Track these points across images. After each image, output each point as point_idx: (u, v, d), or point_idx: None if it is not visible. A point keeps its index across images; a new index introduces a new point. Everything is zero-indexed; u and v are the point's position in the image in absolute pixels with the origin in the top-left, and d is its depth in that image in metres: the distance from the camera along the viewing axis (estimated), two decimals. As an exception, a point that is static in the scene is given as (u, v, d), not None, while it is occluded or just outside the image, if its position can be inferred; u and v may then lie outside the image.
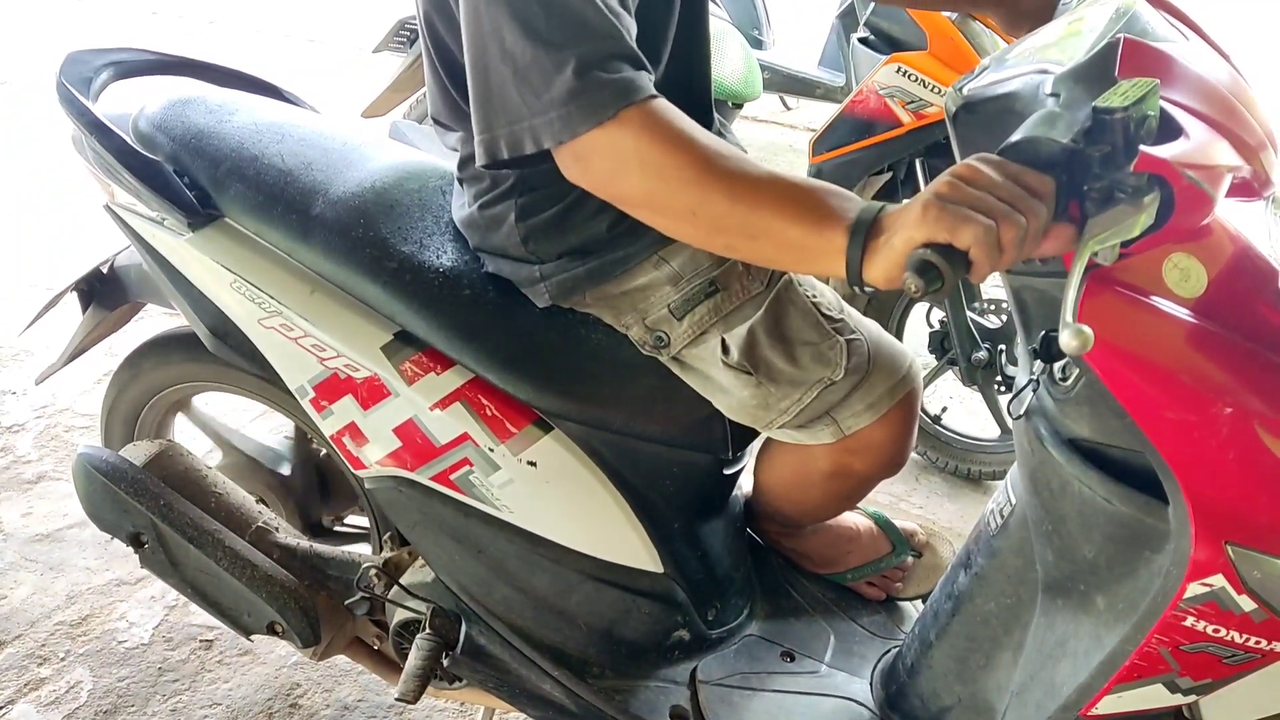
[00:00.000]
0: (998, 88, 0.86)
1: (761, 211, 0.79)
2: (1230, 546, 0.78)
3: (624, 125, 0.80)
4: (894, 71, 2.01)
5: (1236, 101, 0.83)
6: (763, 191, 0.79)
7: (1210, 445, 0.77)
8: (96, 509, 1.25)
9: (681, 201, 0.81)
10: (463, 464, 1.09)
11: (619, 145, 0.81)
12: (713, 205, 0.80)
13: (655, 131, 0.80)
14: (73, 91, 1.14)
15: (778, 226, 0.79)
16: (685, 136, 0.81)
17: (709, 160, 0.80)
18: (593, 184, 0.86)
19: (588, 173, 0.84)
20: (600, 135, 0.80)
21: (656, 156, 0.80)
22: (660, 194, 0.82)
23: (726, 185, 0.80)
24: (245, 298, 1.11)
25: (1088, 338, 0.66)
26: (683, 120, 0.82)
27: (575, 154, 0.83)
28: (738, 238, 0.81)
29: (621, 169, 0.82)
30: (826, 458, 1.08)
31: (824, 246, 0.76)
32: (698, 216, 0.81)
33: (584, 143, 0.81)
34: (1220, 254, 0.82)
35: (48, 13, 5.56)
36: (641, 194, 0.84)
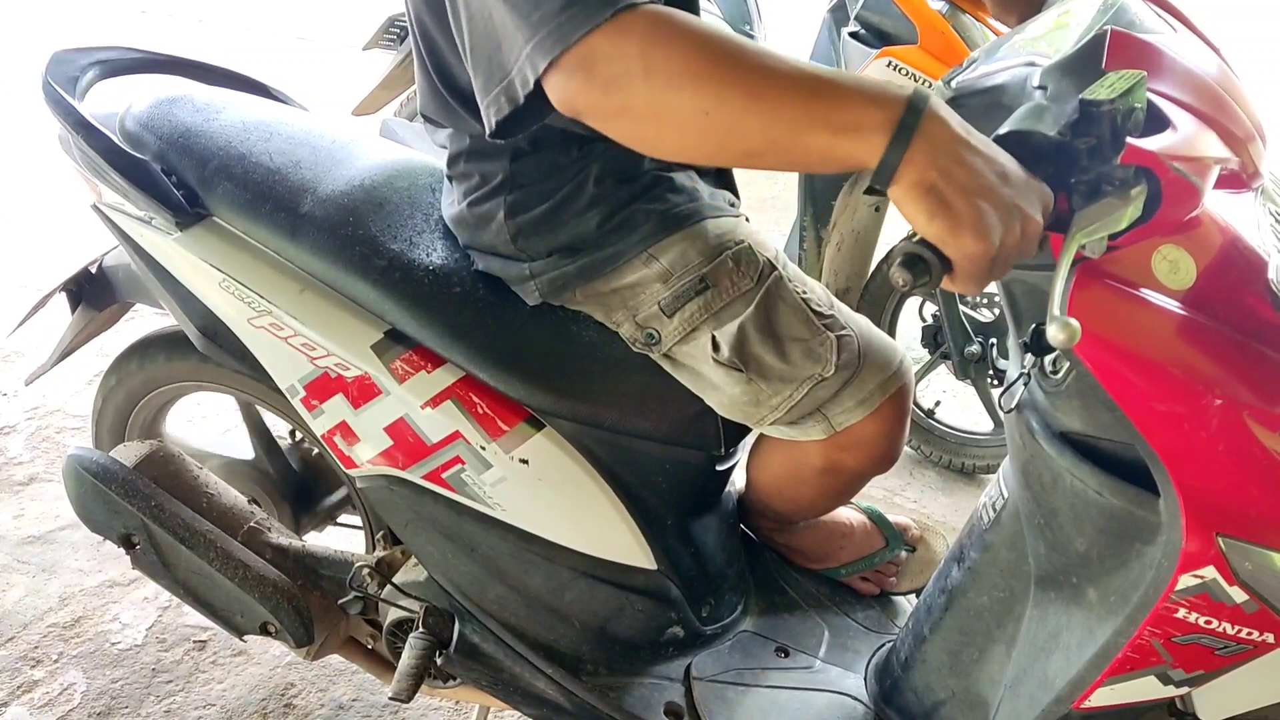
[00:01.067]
0: (986, 80, 0.86)
1: (786, 107, 0.71)
2: (1221, 538, 0.78)
3: (625, 25, 0.72)
4: (884, 65, 2.01)
5: (1224, 93, 0.83)
6: (786, 84, 0.71)
7: (1201, 437, 0.77)
8: (87, 510, 1.25)
9: (692, 103, 0.72)
10: (454, 462, 1.09)
11: (620, 47, 0.72)
12: (729, 102, 0.72)
13: (661, 28, 0.72)
14: (59, 91, 1.13)
15: (805, 124, 0.71)
16: (695, 32, 0.73)
17: (723, 53, 0.72)
18: (591, 99, 0.75)
19: (586, 86, 0.74)
20: (599, 38, 0.72)
21: (662, 53, 0.72)
22: (667, 97, 0.73)
23: (744, 78, 0.71)
24: (234, 297, 1.10)
25: (1075, 330, 0.66)
26: (691, 19, 0.74)
27: (571, 66, 0.73)
28: (758, 139, 0.73)
29: (624, 75, 0.73)
30: (818, 454, 1.08)
31: (857, 147, 0.70)
32: (711, 117, 0.72)
33: (581, 49, 0.72)
34: (1209, 246, 0.82)
35: (34, 12, 5.53)
36: (645, 101, 0.73)
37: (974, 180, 0.67)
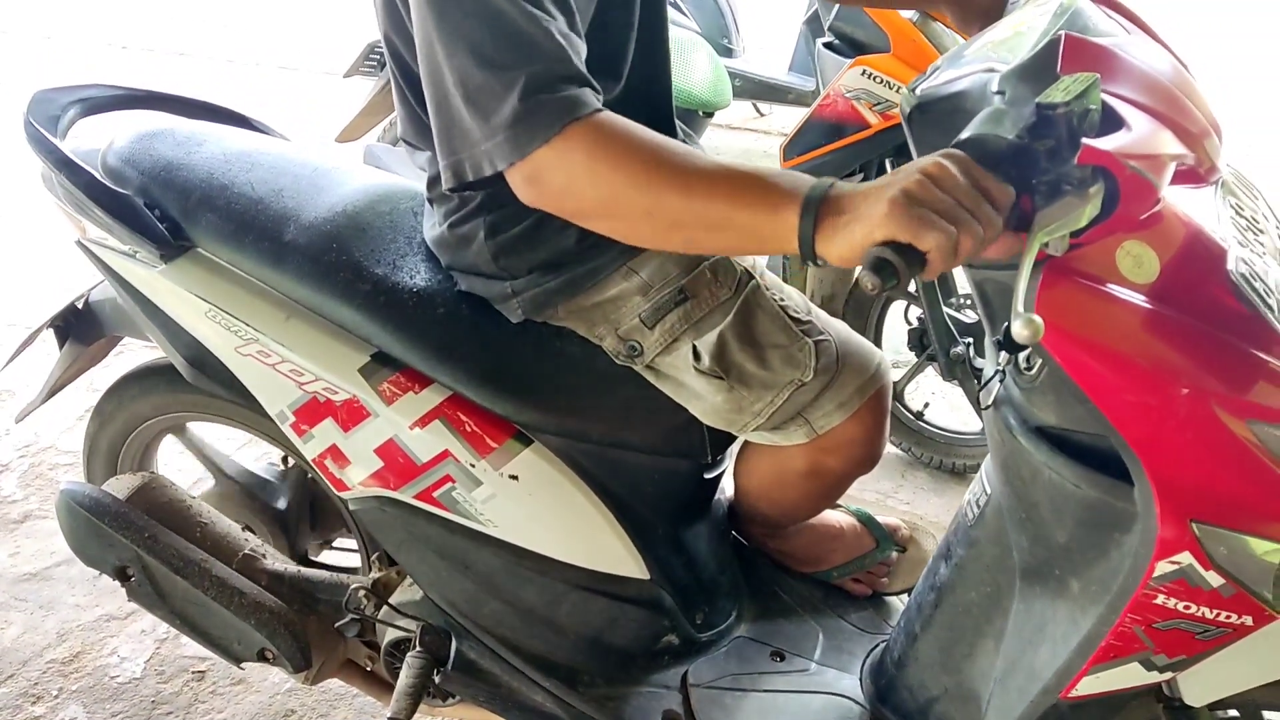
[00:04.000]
0: (948, 87, 0.88)
1: (715, 202, 0.80)
2: (1195, 524, 0.79)
3: (570, 140, 0.81)
4: (859, 74, 2.04)
5: (1179, 91, 0.85)
6: (714, 182, 0.81)
7: (1170, 426, 0.79)
8: (81, 544, 1.25)
9: (636, 205, 0.83)
10: (445, 481, 1.10)
11: (567, 160, 0.82)
12: (667, 203, 0.81)
13: (601, 142, 0.82)
14: (40, 130, 1.15)
15: (732, 214, 0.80)
16: (632, 141, 0.82)
17: (658, 160, 0.82)
18: (548, 202, 0.87)
19: (542, 192, 0.85)
20: (548, 152, 0.81)
21: (606, 165, 0.82)
22: (614, 201, 0.83)
23: (678, 182, 0.81)
24: (221, 326, 1.12)
25: (1038, 327, 0.68)
26: (629, 127, 0.83)
27: (526, 175, 0.84)
28: (696, 231, 0.83)
29: (573, 183, 0.83)
30: (802, 457, 1.09)
31: (778, 227, 0.78)
32: (654, 216, 0.83)
33: (533, 162, 0.82)
34: (1172, 240, 0.84)
35: (16, 52, 5.54)
36: (595, 204, 0.85)
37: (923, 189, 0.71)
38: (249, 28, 6.55)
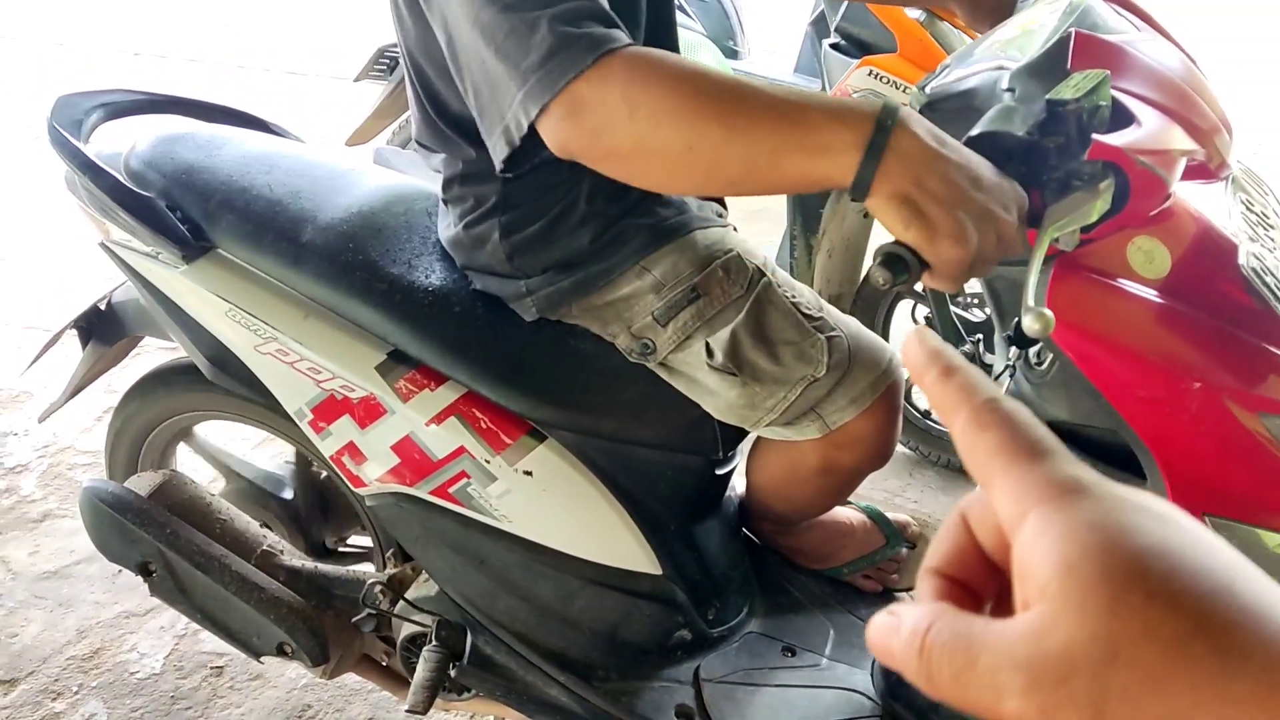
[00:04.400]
0: (958, 85, 0.89)
1: (761, 138, 0.75)
2: (1208, 518, 0.80)
3: (605, 72, 0.77)
4: (866, 74, 2.05)
5: (1188, 88, 0.86)
6: (759, 115, 0.75)
7: (1182, 421, 0.80)
8: (104, 540, 1.27)
9: (676, 140, 0.77)
10: (460, 477, 1.11)
11: (602, 92, 0.77)
12: (708, 138, 0.76)
13: (637, 70, 0.77)
14: (64, 134, 1.16)
15: (781, 152, 0.75)
16: (671, 71, 0.77)
17: (697, 90, 0.76)
18: (584, 145, 0.81)
19: (577, 131, 0.79)
20: (583, 85, 0.77)
21: (642, 96, 0.76)
22: (652, 137, 0.77)
23: (719, 114, 0.75)
24: (241, 326, 1.13)
25: (1049, 320, 0.69)
26: (667, 58, 0.78)
27: (560, 114, 0.78)
28: (739, 169, 0.77)
29: (609, 118, 0.78)
30: (815, 453, 1.10)
31: (831, 171, 0.74)
32: (694, 152, 0.77)
33: (567, 97, 0.77)
34: (1182, 235, 0.85)
35: (33, 60, 5.60)
36: (633, 142, 0.78)
37: (946, 189, 0.70)
38: (258, 33, 6.60)
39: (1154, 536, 0.25)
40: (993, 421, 0.30)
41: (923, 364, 0.33)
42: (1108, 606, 0.24)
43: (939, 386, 0.32)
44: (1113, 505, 0.27)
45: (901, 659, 0.29)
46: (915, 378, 0.33)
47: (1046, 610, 0.26)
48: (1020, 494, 0.28)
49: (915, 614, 0.29)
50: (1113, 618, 0.24)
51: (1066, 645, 0.25)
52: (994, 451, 0.29)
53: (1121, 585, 0.24)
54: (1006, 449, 0.29)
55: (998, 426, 0.30)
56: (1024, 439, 0.29)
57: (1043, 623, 0.25)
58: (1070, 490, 0.27)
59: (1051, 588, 0.26)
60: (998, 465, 0.29)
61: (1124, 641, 0.24)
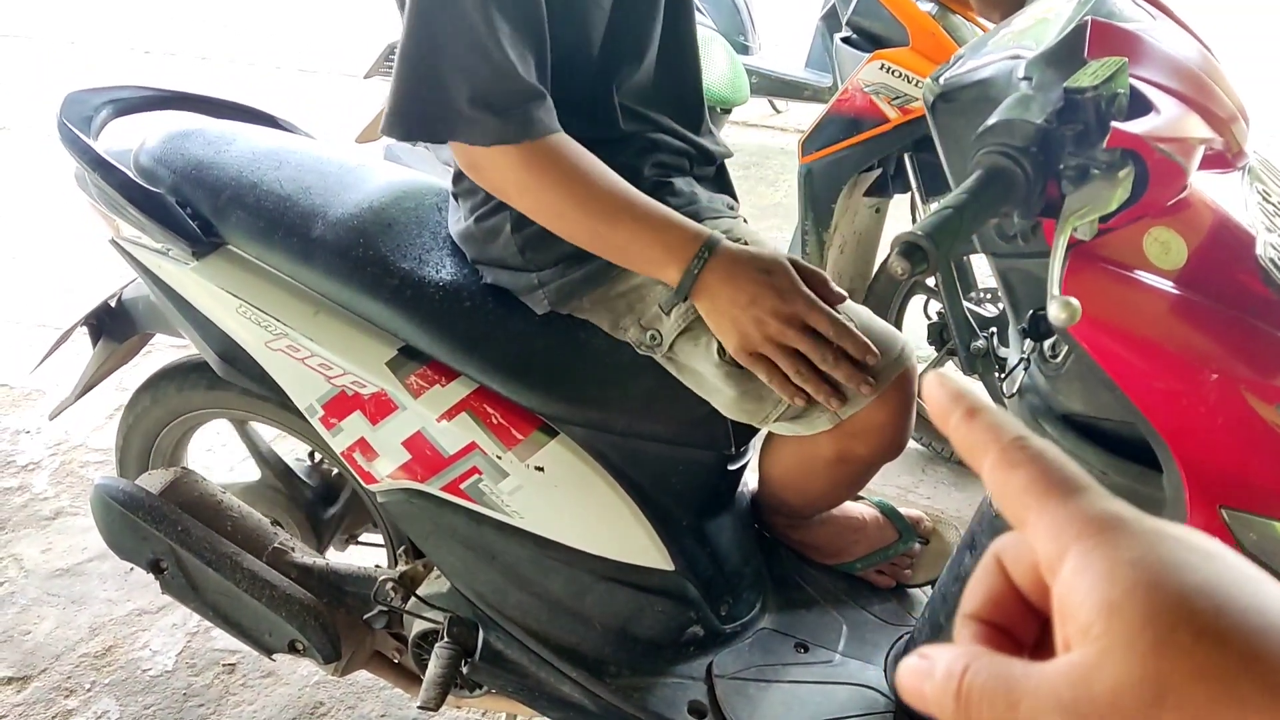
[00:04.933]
0: (973, 75, 0.88)
1: (615, 242, 0.98)
2: (1225, 511, 0.79)
3: (506, 154, 0.94)
4: (878, 68, 2.04)
5: (1205, 76, 0.85)
6: (618, 230, 0.97)
7: (1199, 412, 0.79)
8: (116, 538, 1.27)
9: (548, 223, 1.00)
10: (472, 473, 1.11)
11: (499, 171, 0.97)
12: (575, 234, 0.99)
13: (531, 169, 0.95)
14: (74, 130, 1.17)
15: (629, 254, 0.99)
16: (558, 175, 0.96)
17: (573, 199, 0.96)
18: (483, 185, 1.02)
19: (477, 178, 1.01)
20: (483, 154, 0.95)
21: (530, 194, 0.97)
22: (535, 214, 1.00)
23: (585, 224, 0.97)
24: (251, 322, 1.13)
25: (1075, 309, 0.68)
26: (573, 158, 0.96)
27: (467, 160, 0.99)
28: (599, 252, 1.01)
29: (500, 189, 1.00)
30: (829, 444, 1.09)
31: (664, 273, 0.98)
32: (564, 233, 1.00)
33: (475, 154, 0.97)
34: (1199, 226, 0.84)
35: (43, 58, 5.62)
36: (522, 208, 1.00)
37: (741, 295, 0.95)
38: (269, 31, 6.61)
39: (1199, 573, 0.25)
40: (1022, 459, 0.29)
41: (946, 407, 0.32)
42: (1154, 647, 0.24)
43: (964, 428, 0.31)
44: (1155, 541, 0.26)
45: (936, 703, 0.28)
46: (939, 421, 0.32)
47: (1091, 651, 0.25)
48: (1057, 532, 0.28)
49: (949, 656, 0.28)
50: (1160, 658, 0.24)
51: (1113, 687, 0.24)
52: (1026, 490, 0.29)
53: (1168, 625, 0.24)
54: (1038, 486, 0.29)
55: (1028, 464, 0.29)
56: (1056, 475, 0.29)
57: (1087, 664, 0.25)
58: (1109, 526, 0.27)
59: (1095, 628, 0.25)
60: (1031, 503, 0.29)
61: (1172, 682, 0.23)
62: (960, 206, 0.70)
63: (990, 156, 0.73)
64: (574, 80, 1.01)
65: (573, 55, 1.00)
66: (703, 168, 1.16)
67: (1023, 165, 0.72)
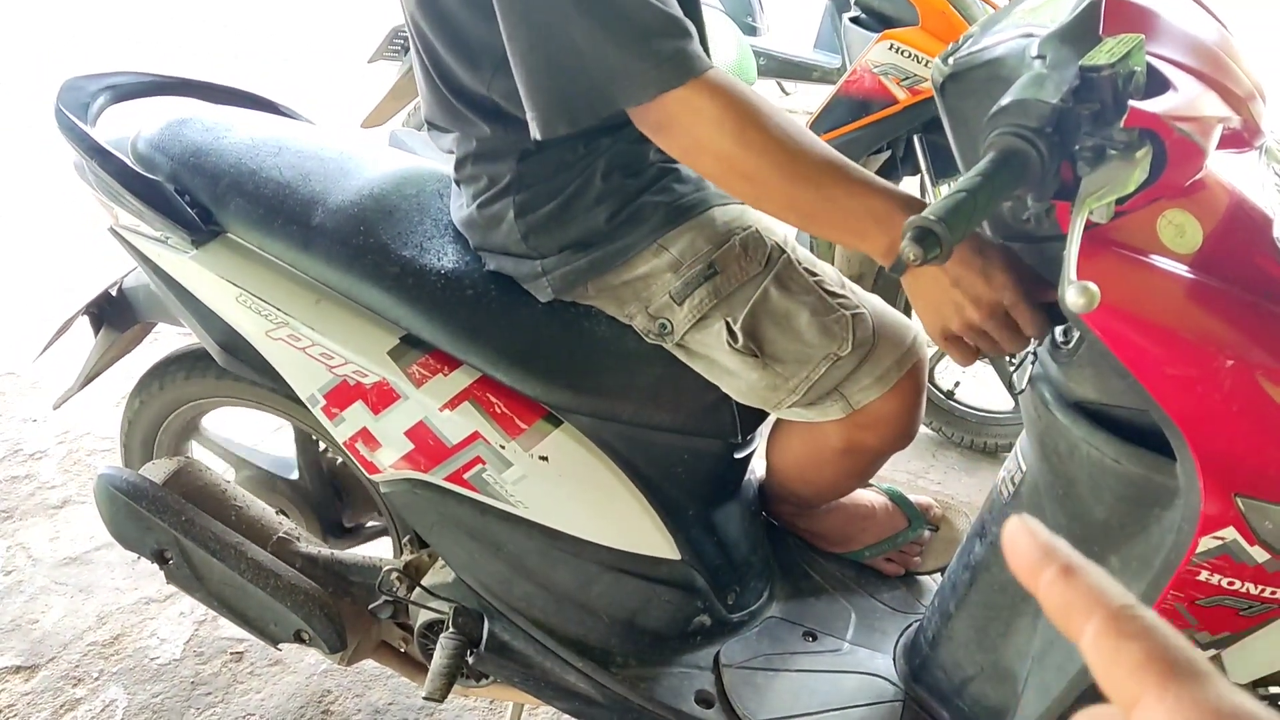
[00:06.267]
0: (984, 54, 0.86)
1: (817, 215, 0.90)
2: (1239, 498, 0.78)
3: (690, 99, 0.86)
4: (887, 49, 2.01)
5: (1222, 53, 0.83)
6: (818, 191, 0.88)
7: (1214, 399, 0.77)
8: (120, 528, 1.27)
9: (741, 189, 0.92)
10: (475, 462, 1.10)
11: (693, 121, 0.88)
12: (770, 200, 0.91)
13: (721, 105, 0.87)
14: (71, 118, 1.15)
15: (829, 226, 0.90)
16: (755, 116, 0.87)
17: (771, 151, 0.88)
18: (669, 149, 0.93)
19: (667, 143, 0.92)
20: (676, 107, 0.87)
21: (730, 131, 0.87)
22: (727, 181, 0.92)
23: (779, 182, 0.88)
24: (252, 311, 1.12)
25: (1094, 294, 0.66)
26: (749, 97, 0.88)
27: (654, 122, 0.90)
28: (794, 221, 0.93)
29: (693, 148, 0.90)
30: (838, 434, 1.08)
31: (870, 250, 0.89)
32: (759, 202, 0.92)
33: (661, 109, 0.88)
34: (1215, 208, 0.82)
35: (39, 48, 5.61)
36: (712, 174, 0.92)
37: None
38: (269, 17, 6.59)
39: None
40: (1136, 631, 0.27)
41: (1035, 561, 0.29)
42: None
43: (1059, 587, 0.28)
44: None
45: None
46: (1024, 577, 0.29)
47: None
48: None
49: None
50: None
51: None
52: (1142, 666, 0.26)
53: None
54: (1158, 665, 0.26)
55: (1143, 637, 0.27)
56: (1176, 654, 0.26)
57: None
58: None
59: None
60: (1150, 683, 0.26)
61: None
62: (973, 189, 0.68)
63: (1004, 138, 0.71)
64: None
65: None
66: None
67: (1037, 146, 0.70)
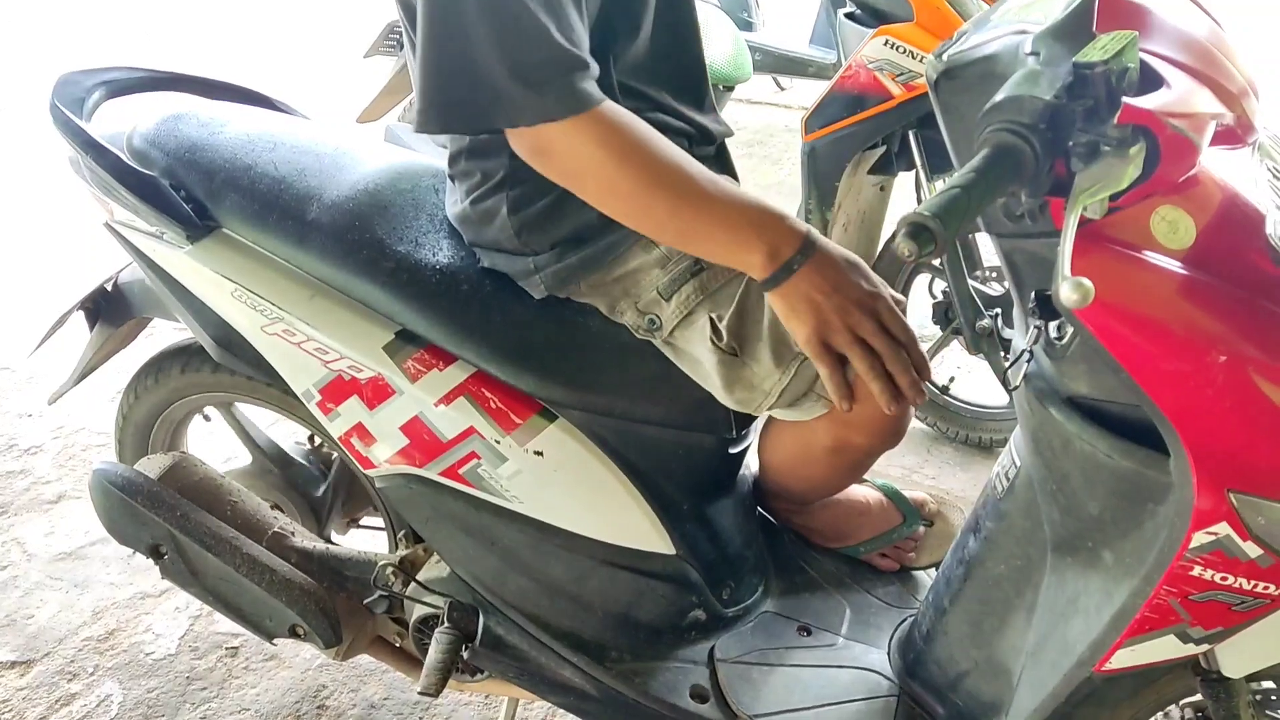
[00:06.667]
0: (977, 51, 0.86)
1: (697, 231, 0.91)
2: (1232, 494, 0.78)
3: (581, 128, 0.87)
4: (882, 44, 2.01)
5: (1215, 49, 0.83)
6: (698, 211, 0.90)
7: (1207, 395, 0.77)
8: (115, 523, 1.27)
9: (622, 212, 0.92)
10: (470, 458, 1.10)
11: (574, 149, 0.88)
12: (651, 220, 0.92)
13: (609, 142, 0.88)
14: (66, 113, 1.15)
15: (708, 244, 0.92)
16: (631, 146, 0.88)
17: (650, 174, 0.89)
18: (548, 174, 0.93)
19: (545, 167, 0.92)
20: (557, 133, 0.87)
21: (607, 170, 0.89)
22: (606, 203, 0.92)
23: (663, 202, 0.90)
24: (247, 306, 1.12)
25: (1088, 290, 0.66)
26: (634, 130, 0.89)
27: (531, 147, 0.90)
28: (671, 240, 0.96)
29: (574, 174, 0.91)
30: (826, 433, 1.08)
31: (745, 268, 0.92)
32: (638, 224, 0.93)
33: (541, 135, 0.88)
34: (1208, 204, 0.82)
35: (34, 42, 5.59)
36: (592, 198, 0.92)
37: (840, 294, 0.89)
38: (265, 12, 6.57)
39: None
40: None
41: None
42: None
43: None
44: None
45: None
46: None
47: None
48: None
49: None
50: None
51: None
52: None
53: None
54: None
55: None
56: None
57: None
58: None
59: None
60: None
61: None
62: (968, 185, 0.68)
63: (998, 134, 0.71)
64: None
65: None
66: (702, 147, 1.14)
67: (1031, 143, 0.70)
